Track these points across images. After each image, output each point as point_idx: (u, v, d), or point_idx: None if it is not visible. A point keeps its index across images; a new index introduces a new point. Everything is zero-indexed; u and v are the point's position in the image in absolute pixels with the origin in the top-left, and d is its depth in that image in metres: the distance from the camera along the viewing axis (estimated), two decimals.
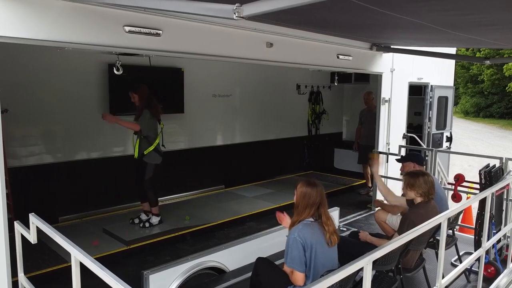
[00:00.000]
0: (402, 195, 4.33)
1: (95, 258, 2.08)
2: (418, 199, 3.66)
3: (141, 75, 5.97)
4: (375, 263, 2.78)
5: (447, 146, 8.66)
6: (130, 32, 3.34)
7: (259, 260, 3.46)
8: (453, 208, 3.37)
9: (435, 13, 3.23)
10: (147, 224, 5.40)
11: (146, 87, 5.34)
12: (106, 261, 1.94)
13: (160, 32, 3.52)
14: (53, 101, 5.49)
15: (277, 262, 3.67)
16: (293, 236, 2.88)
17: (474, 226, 4.51)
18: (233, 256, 4.32)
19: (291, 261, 2.89)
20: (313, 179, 3.20)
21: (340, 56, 5.48)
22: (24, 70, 5.14)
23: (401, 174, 5.06)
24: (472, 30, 4.09)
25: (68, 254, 4.25)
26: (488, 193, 3.67)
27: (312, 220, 2.97)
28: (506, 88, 32.24)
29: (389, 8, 3.05)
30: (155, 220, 5.45)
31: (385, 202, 4.85)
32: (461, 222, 6.49)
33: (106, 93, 5.93)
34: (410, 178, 3.69)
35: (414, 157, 4.82)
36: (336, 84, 7.61)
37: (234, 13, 1.92)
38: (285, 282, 3.07)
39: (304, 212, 2.96)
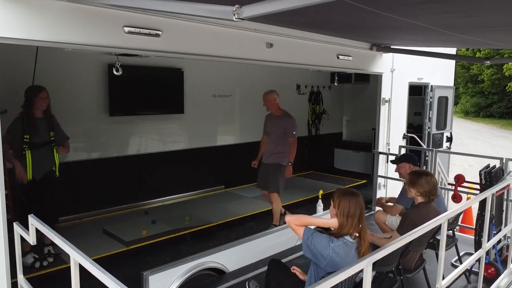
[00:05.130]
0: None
1: (95, 259, 2.08)
2: (419, 199, 3.68)
3: (141, 75, 5.99)
4: (375, 264, 2.79)
5: (447, 146, 8.66)
6: (129, 32, 3.33)
7: (272, 262, 3.45)
8: (453, 209, 3.36)
9: (436, 15, 3.23)
10: (50, 259, 4.33)
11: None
12: (105, 262, 1.94)
13: (160, 32, 3.51)
14: (52, 102, 5.47)
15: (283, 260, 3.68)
16: (329, 244, 2.71)
17: (474, 227, 4.51)
18: (233, 257, 4.32)
19: (310, 237, 2.76)
20: (350, 188, 3.01)
21: (340, 57, 5.47)
22: (22, 71, 5.13)
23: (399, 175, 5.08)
24: (473, 31, 4.09)
25: (67, 255, 4.26)
26: (488, 194, 3.67)
27: (352, 241, 2.78)
28: (506, 88, 32.23)
29: (390, 10, 3.04)
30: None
31: (389, 204, 4.88)
32: (461, 223, 6.49)
33: (106, 94, 5.92)
34: (413, 176, 3.74)
35: (409, 158, 4.85)
36: (336, 84, 7.59)
37: (234, 15, 1.92)
38: (294, 285, 3.08)
39: (347, 225, 2.76)
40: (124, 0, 2.65)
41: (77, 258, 1.98)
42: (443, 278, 3.13)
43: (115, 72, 3.71)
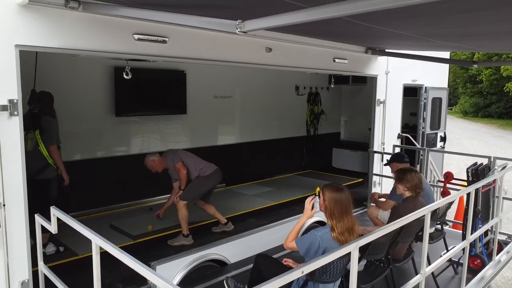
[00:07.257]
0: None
1: (105, 251, 2.31)
2: (407, 193, 3.95)
3: (145, 78, 6.24)
4: (365, 252, 3.05)
5: (441, 146, 8.90)
6: (139, 39, 3.58)
7: (259, 257, 3.58)
8: (437, 201, 3.62)
9: (424, 27, 3.47)
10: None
11: None
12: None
13: (167, 39, 3.76)
14: (61, 103, 5.72)
15: (275, 256, 3.92)
16: (316, 234, 2.96)
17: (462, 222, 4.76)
18: (234, 250, 4.58)
19: (300, 241, 3.05)
20: (336, 183, 3.26)
21: (336, 60, 5.70)
22: (32, 74, 5.37)
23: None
24: (461, 39, 4.34)
25: (79, 248, 4.47)
26: (472, 189, 3.93)
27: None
28: (504, 88, 32.49)
29: (382, 24, 3.29)
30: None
31: (382, 199, 5.18)
32: (455, 219, 6.74)
33: (112, 95, 6.18)
34: (399, 174, 4.05)
35: (396, 157, 5.34)
36: (332, 86, 7.81)
37: (237, 28, 2.16)
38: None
39: (335, 217, 2.99)
40: (136, 12, 2.88)
41: (98, 242, 2.23)
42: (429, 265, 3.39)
43: (125, 76, 3.96)
